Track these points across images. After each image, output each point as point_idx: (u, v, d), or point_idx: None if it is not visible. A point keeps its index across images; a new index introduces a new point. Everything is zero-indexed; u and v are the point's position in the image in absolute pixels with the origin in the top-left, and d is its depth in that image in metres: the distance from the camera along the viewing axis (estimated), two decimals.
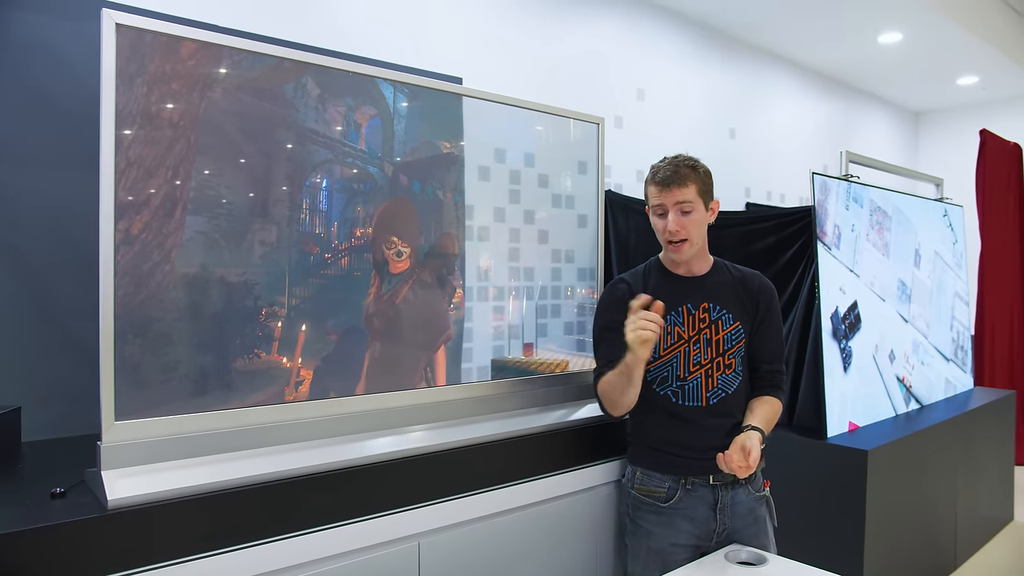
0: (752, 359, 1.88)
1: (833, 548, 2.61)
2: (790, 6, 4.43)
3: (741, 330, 1.84)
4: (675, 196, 1.75)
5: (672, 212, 1.76)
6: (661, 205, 1.78)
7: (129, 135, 1.40)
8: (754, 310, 1.87)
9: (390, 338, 1.83)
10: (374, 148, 1.81)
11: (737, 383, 1.83)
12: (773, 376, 1.88)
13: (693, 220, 1.77)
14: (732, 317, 1.84)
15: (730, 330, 1.83)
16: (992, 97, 6.61)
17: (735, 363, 1.83)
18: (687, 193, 1.75)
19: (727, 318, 1.84)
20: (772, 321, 1.89)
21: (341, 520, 1.53)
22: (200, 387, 1.51)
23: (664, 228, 1.78)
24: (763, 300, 1.88)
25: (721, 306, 1.84)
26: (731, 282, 1.88)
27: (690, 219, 1.77)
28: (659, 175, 1.77)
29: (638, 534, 1.84)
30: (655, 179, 1.78)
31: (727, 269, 1.91)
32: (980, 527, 3.68)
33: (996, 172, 5.32)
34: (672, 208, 1.76)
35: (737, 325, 1.84)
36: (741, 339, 1.84)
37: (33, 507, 1.29)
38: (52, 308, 2.05)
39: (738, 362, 1.84)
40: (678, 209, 1.76)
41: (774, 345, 1.89)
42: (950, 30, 4.75)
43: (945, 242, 3.91)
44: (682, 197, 1.75)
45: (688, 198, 1.75)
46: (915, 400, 3.40)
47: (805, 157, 5.58)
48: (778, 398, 1.87)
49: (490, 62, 3.46)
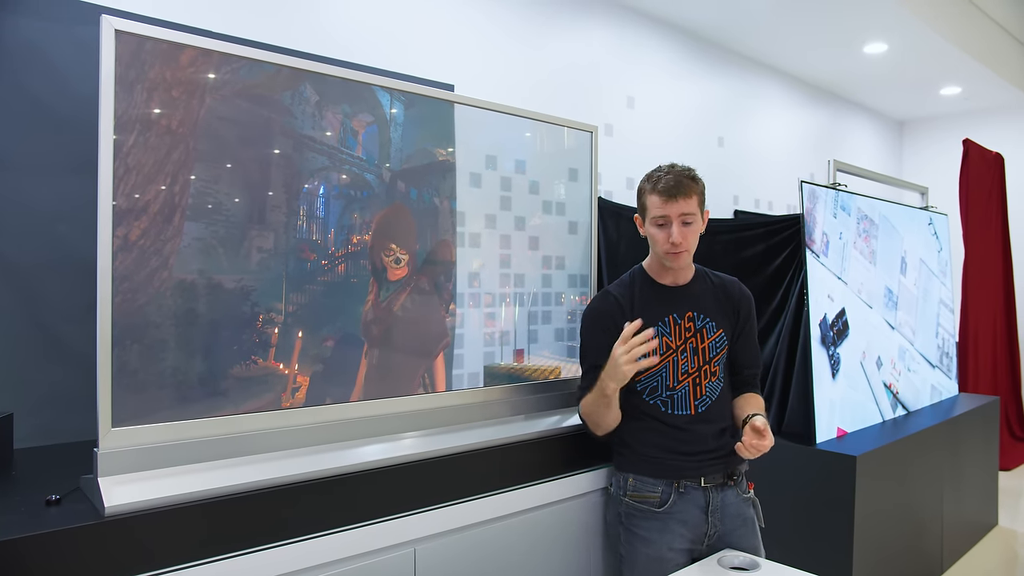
0: (733, 364, 1.93)
1: (822, 553, 2.63)
2: (778, 17, 4.49)
3: (724, 338, 1.89)
4: (680, 208, 1.75)
5: (676, 223, 1.76)
6: (665, 216, 1.77)
7: (128, 141, 1.40)
8: (735, 317, 1.92)
9: (388, 345, 1.84)
10: (371, 155, 1.81)
11: (720, 389, 1.88)
12: (754, 378, 1.98)
13: (693, 231, 1.80)
14: (715, 325, 1.88)
15: (714, 338, 1.87)
16: (974, 107, 6.71)
17: (719, 370, 1.88)
18: (691, 205, 1.76)
19: (711, 326, 1.87)
20: (752, 327, 1.96)
21: (339, 526, 1.53)
22: (197, 393, 1.50)
23: (667, 239, 1.78)
24: (743, 307, 1.94)
25: (705, 314, 1.88)
26: (712, 290, 1.92)
27: (691, 230, 1.79)
28: (662, 185, 1.76)
29: (634, 542, 1.83)
30: (658, 189, 1.77)
31: (708, 277, 1.95)
32: (965, 532, 3.72)
33: (979, 181, 5.39)
34: (676, 219, 1.76)
35: (720, 333, 1.88)
36: (724, 346, 1.89)
37: (28, 515, 1.29)
38: (43, 313, 2.03)
39: (721, 369, 1.88)
40: (681, 220, 1.77)
41: (754, 350, 1.98)
42: (934, 42, 4.83)
43: (930, 250, 3.96)
44: (687, 209, 1.76)
45: (691, 210, 1.77)
46: (902, 406, 3.44)
47: (792, 165, 5.64)
48: (760, 395, 1.97)
49: (481, 69, 3.48)
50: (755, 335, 1.98)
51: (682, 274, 1.89)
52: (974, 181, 5.33)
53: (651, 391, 1.84)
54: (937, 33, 4.64)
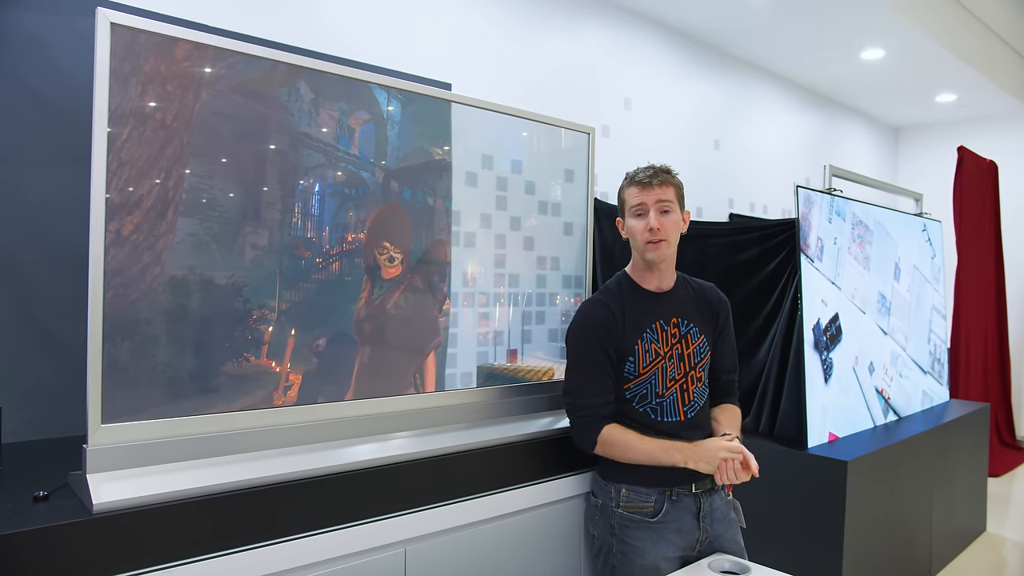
0: (712, 369, 1.95)
1: (813, 557, 2.64)
2: (776, 21, 4.49)
3: (706, 343, 1.90)
4: (656, 195, 1.79)
5: (653, 211, 1.79)
6: (642, 204, 1.80)
7: (122, 135, 1.39)
8: (714, 322, 1.94)
9: (380, 343, 1.83)
10: (367, 153, 1.81)
11: (705, 395, 1.90)
12: (731, 385, 1.99)
13: (672, 220, 1.81)
14: (698, 331, 1.89)
15: (698, 343, 1.88)
16: (970, 115, 6.74)
17: (704, 376, 1.90)
18: (667, 193, 1.80)
19: (695, 332, 1.88)
20: (729, 332, 1.98)
21: (330, 526, 1.52)
22: (188, 390, 1.49)
23: (644, 228, 1.79)
24: (722, 312, 1.96)
25: (688, 320, 1.89)
26: (693, 296, 1.93)
27: (669, 219, 1.80)
28: (639, 176, 1.82)
29: (628, 553, 1.79)
30: (635, 180, 1.82)
31: (688, 283, 1.96)
32: (954, 537, 3.74)
33: (973, 189, 5.42)
34: (653, 207, 1.79)
35: (703, 338, 1.89)
36: (707, 352, 1.90)
37: (16, 511, 1.27)
38: (32, 307, 2.02)
39: (705, 374, 1.90)
40: (659, 208, 1.79)
41: (732, 355, 2.00)
42: (931, 48, 4.84)
43: (924, 256, 3.97)
44: (663, 196, 1.79)
45: (669, 198, 1.80)
46: (893, 412, 3.45)
47: (788, 170, 5.65)
48: (737, 405, 1.99)
49: (479, 69, 3.47)
50: (733, 340, 2.00)
51: (666, 278, 1.89)
52: (968, 188, 5.36)
53: (641, 398, 1.83)
54: (934, 40, 4.65)
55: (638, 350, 1.81)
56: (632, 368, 1.81)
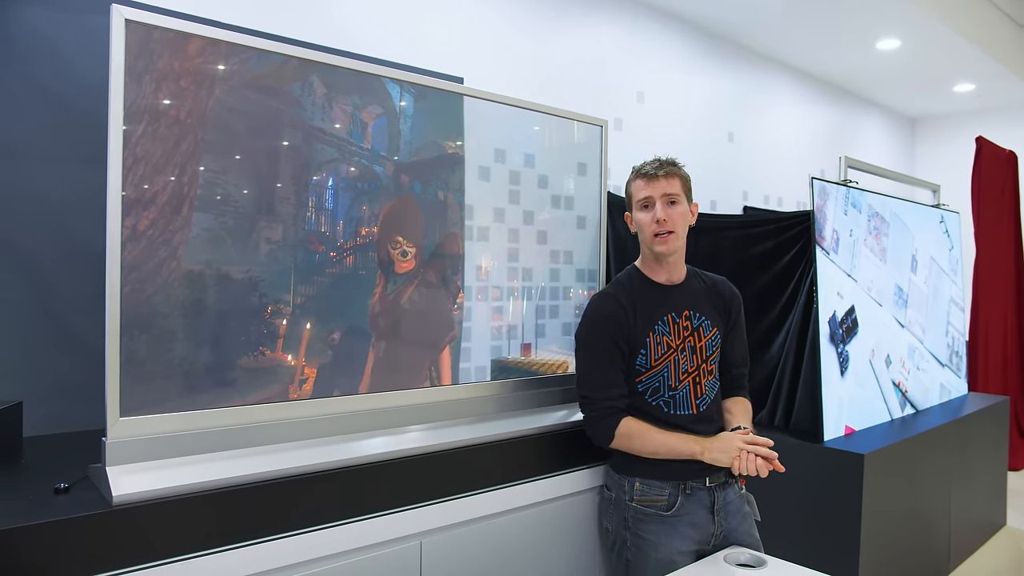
0: (723, 363, 1.94)
1: (829, 551, 2.62)
2: (790, 12, 4.45)
3: (718, 336, 1.90)
4: (662, 187, 1.79)
5: (660, 203, 1.79)
6: (648, 197, 1.80)
7: (137, 131, 1.40)
8: (726, 315, 1.94)
9: (395, 338, 1.84)
10: (379, 147, 1.81)
11: (716, 388, 1.90)
12: (741, 378, 1.99)
13: (679, 212, 1.81)
14: (710, 324, 1.88)
15: (710, 336, 1.88)
16: (988, 105, 6.65)
17: (715, 369, 1.90)
18: (673, 185, 1.80)
19: (707, 325, 1.88)
20: (741, 326, 1.98)
21: (345, 518, 1.53)
22: (204, 384, 1.50)
23: (652, 220, 1.80)
24: (734, 306, 1.96)
25: (701, 313, 1.88)
26: (705, 289, 1.93)
27: (676, 211, 1.80)
28: (644, 169, 1.82)
29: (642, 547, 1.79)
30: (641, 173, 1.83)
31: (699, 276, 1.96)
32: (973, 531, 3.70)
33: (991, 179, 5.34)
34: (660, 199, 1.79)
35: (715, 332, 1.89)
36: (718, 345, 1.90)
37: (37, 503, 1.29)
38: (52, 303, 2.05)
39: (716, 368, 1.90)
40: (666, 200, 1.79)
41: (743, 349, 2.00)
42: (948, 38, 4.78)
43: (941, 248, 3.93)
44: (669, 188, 1.79)
45: (675, 190, 1.80)
46: (910, 405, 3.42)
47: (802, 162, 5.61)
48: (747, 399, 1.99)
49: (491, 63, 3.47)
50: (744, 334, 2.00)
51: (676, 271, 1.88)
52: (987, 179, 5.28)
53: (653, 391, 1.83)
54: (951, 29, 4.60)
55: (650, 342, 1.81)
56: (644, 360, 1.81)
